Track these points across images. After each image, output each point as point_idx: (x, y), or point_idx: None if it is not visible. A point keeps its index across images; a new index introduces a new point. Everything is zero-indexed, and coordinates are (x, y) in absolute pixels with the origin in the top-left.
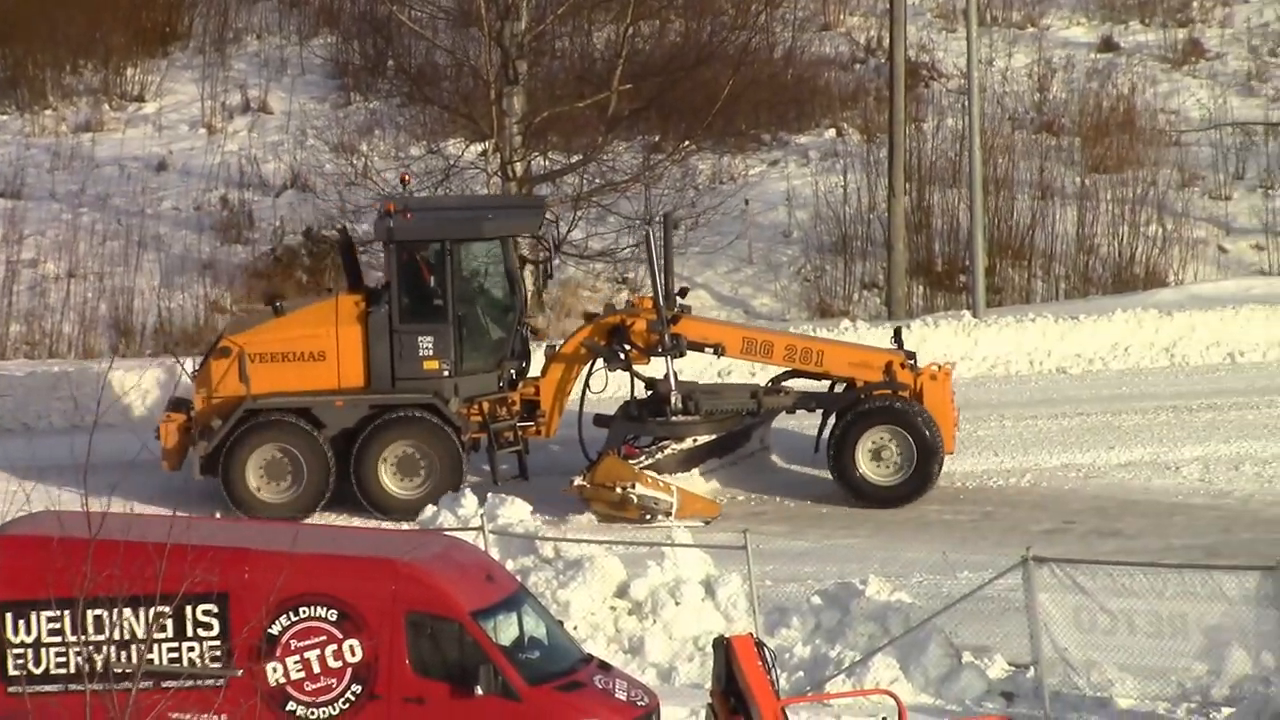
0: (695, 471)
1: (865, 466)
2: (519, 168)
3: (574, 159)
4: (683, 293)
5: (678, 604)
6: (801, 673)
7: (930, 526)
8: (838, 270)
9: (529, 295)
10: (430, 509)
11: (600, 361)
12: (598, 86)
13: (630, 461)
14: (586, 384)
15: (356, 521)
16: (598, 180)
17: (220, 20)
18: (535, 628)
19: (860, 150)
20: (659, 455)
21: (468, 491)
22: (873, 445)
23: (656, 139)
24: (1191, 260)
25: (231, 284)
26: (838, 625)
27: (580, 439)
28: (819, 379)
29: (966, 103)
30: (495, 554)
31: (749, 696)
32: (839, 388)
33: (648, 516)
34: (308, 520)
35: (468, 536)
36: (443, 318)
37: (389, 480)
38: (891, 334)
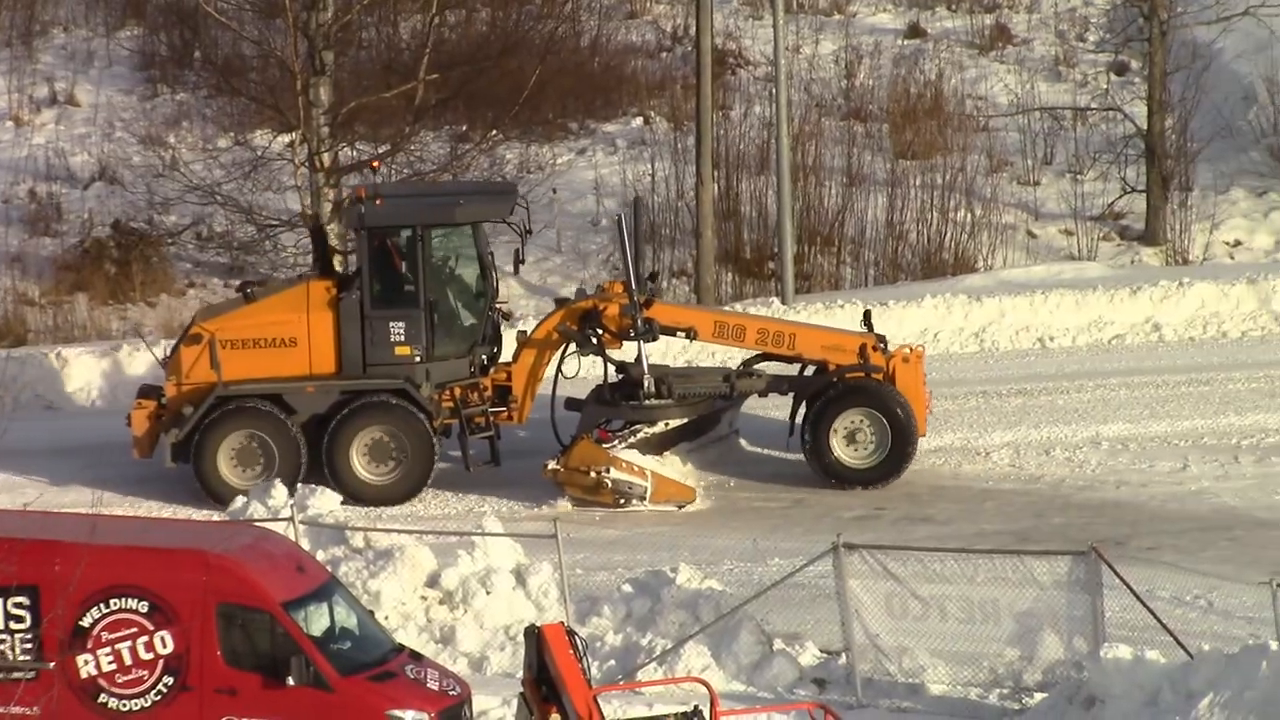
0: (675, 456)
1: (840, 449)
2: (326, 158)
3: (381, 149)
4: (653, 277)
5: (489, 593)
6: (613, 661)
7: (741, 514)
8: (646, 258)
9: (498, 280)
10: (240, 500)
11: (573, 346)
12: (404, 76)
13: (604, 446)
14: (559, 369)
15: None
16: (405, 170)
17: (27, 13)
18: (346, 618)
19: (668, 138)
20: (631, 439)
21: (277, 482)
22: (847, 428)
23: (464, 129)
24: (1001, 246)
25: (40, 277)
26: (649, 613)
27: (553, 424)
28: (790, 362)
29: (774, 90)
30: (306, 545)
31: (561, 685)
32: (808, 371)
33: (622, 501)
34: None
35: (278, 527)
36: (414, 303)
37: (360, 466)
38: (861, 316)
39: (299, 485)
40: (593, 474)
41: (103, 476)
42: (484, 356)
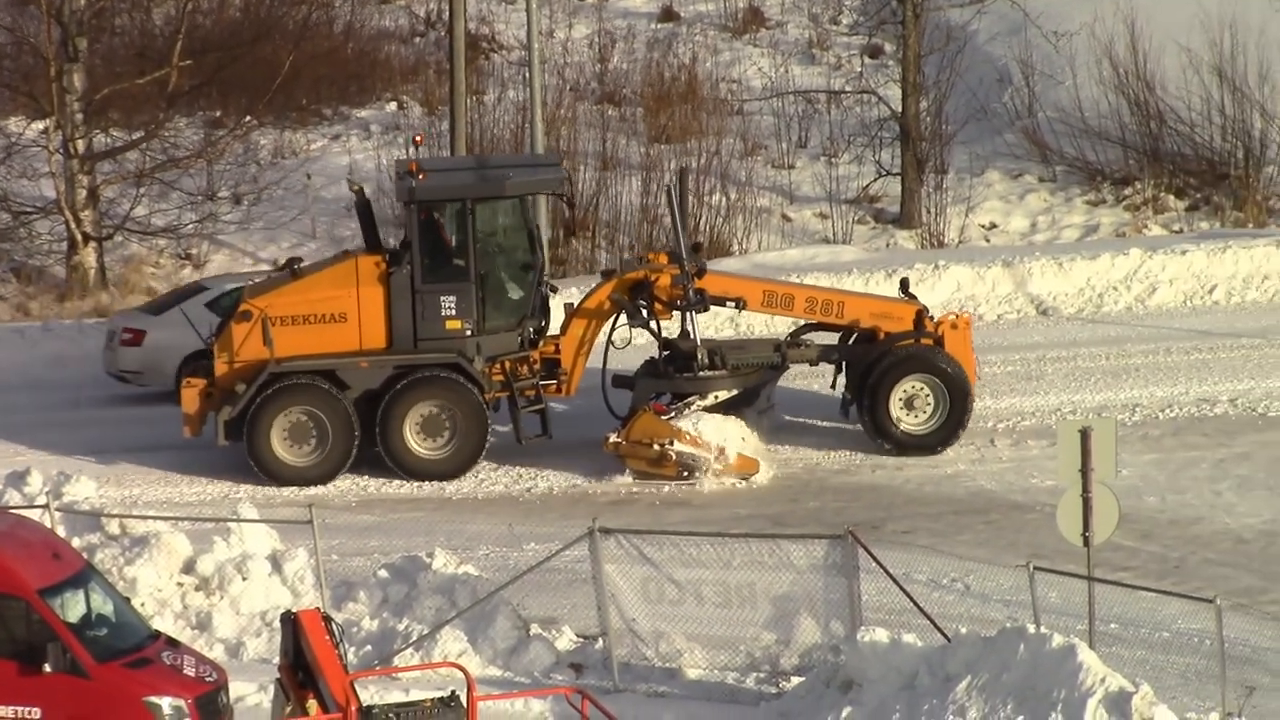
0: (739, 428)
1: (899, 415)
2: (80, 145)
3: (135, 135)
4: (697, 248)
5: (245, 579)
6: (370, 646)
7: (496, 500)
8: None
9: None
10: None
11: (623, 317)
12: (158, 63)
13: (663, 419)
14: (610, 341)
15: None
16: (160, 156)
17: None
18: (103, 605)
19: (422, 123)
20: (686, 412)
21: (32, 469)
22: (904, 394)
23: (218, 114)
24: (756, 229)
25: None
26: (405, 598)
27: (604, 396)
28: (836, 331)
29: (527, 74)
30: (61, 531)
31: (317, 671)
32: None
33: (685, 473)
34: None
35: (33, 514)
36: (465, 277)
37: (414, 441)
38: (899, 284)
39: (56, 472)
40: (656, 446)
41: None
42: (532, 329)
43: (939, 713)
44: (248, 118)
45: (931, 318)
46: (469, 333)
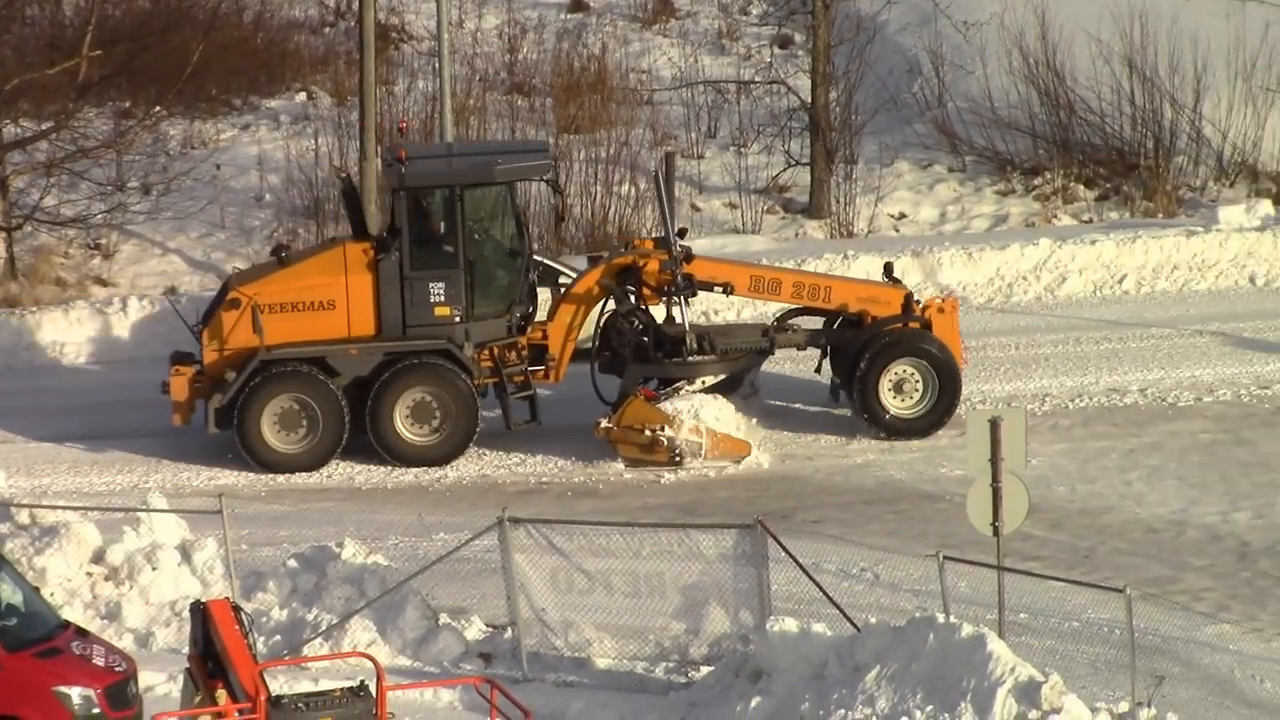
0: (732, 411)
1: (888, 400)
2: None
3: (45, 126)
4: (682, 233)
5: (154, 569)
6: (279, 636)
7: (405, 489)
8: (310, 233)
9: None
10: None
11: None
12: (68, 53)
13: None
14: (598, 326)
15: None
16: (70, 147)
17: None
18: (12, 595)
19: (332, 114)
20: (675, 397)
21: None
22: (894, 378)
23: (128, 105)
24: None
25: None
26: (314, 588)
27: (594, 381)
28: (822, 315)
29: (437, 65)
30: None
31: (227, 661)
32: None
33: (678, 458)
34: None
35: None
36: (454, 263)
37: (404, 427)
38: (883, 269)
39: None
40: (648, 432)
41: None
42: (519, 315)
43: (848, 702)
44: (157, 108)
45: (918, 302)
46: (458, 319)
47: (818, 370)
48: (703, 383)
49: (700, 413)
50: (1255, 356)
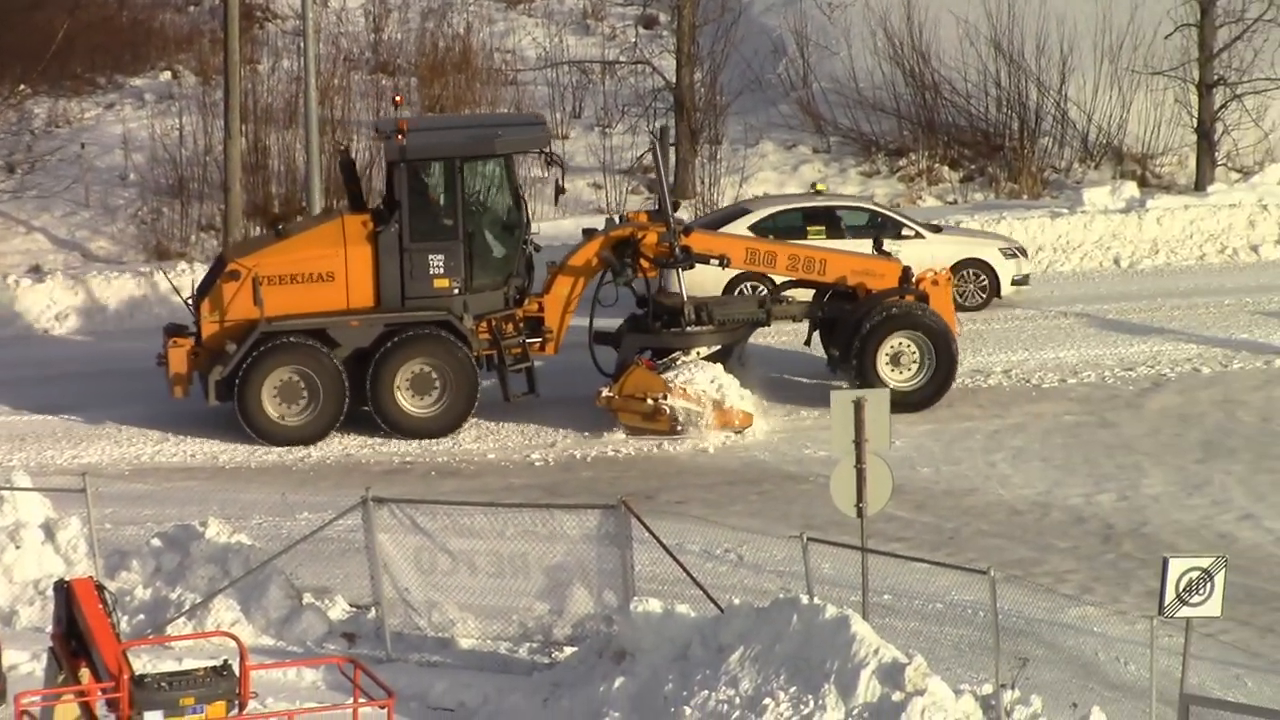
0: (737, 380)
1: (886, 372)
2: None
3: None
4: (675, 206)
5: (18, 548)
6: (143, 615)
7: (269, 468)
8: (175, 212)
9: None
10: None
11: (609, 275)
12: None
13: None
14: (596, 298)
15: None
16: None
17: None
18: None
19: (196, 92)
20: (677, 367)
21: None
22: (891, 350)
23: None
24: (530, 199)
25: None
26: (178, 568)
27: (591, 352)
28: (817, 288)
29: (301, 44)
30: None
31: (90, 640)
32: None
33: (679, 428)
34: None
35: None
36: (453, 236)
37: (404, 399)
38: (872, 243)
39: None
40: (650, 401)
41: None
42: (516, 288)
43: (712, 683)
44: (22, 86)
45: (912, 275)
46: (456, 291)
47: (807, 343)
48: (698, 353)
49: (701, 382)
50: (1119, 338)
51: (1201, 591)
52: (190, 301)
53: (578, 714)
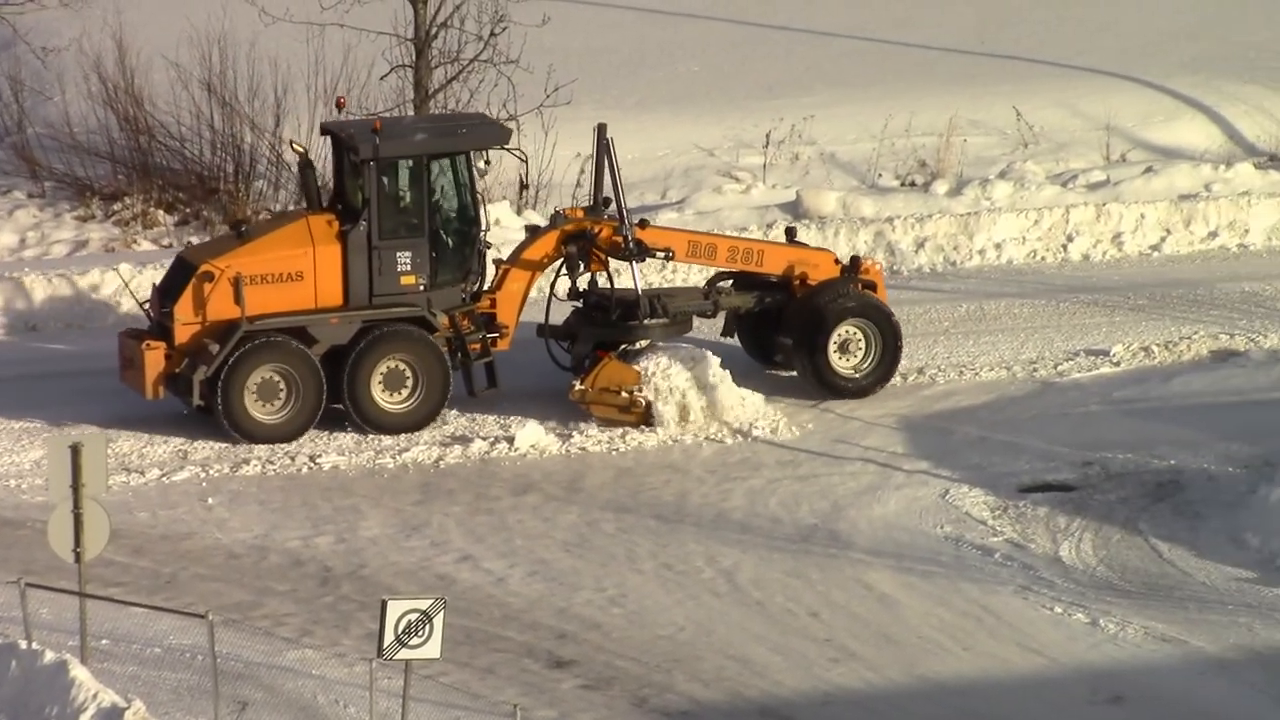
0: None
1: (835, 361)
2: None
3: None
4: (606, 202)
5: None
6: None
7: None
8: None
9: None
10: None
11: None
12: None
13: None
14: (551, 291)
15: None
16: None
17: None
18: None
19: None
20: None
21: None
22: (839, 339)
23: None
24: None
25: None
26: None
27: (548, 347)
28: (755, 279)
29: None
30: None
31: None
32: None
33: (651, 420)
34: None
35: None
36: (420, 233)
37: (379, 395)
38: (785, 233)
39: None
40: (624, 394)
41: None
42: (473, 284)
43: None
44: None
45: (860, 263)
46: (423, 288)
47: (723, 334)
48: (641, 346)
49: (675, 376)
50: None
51: (421, 633)
52: (147, 305)
53: None
